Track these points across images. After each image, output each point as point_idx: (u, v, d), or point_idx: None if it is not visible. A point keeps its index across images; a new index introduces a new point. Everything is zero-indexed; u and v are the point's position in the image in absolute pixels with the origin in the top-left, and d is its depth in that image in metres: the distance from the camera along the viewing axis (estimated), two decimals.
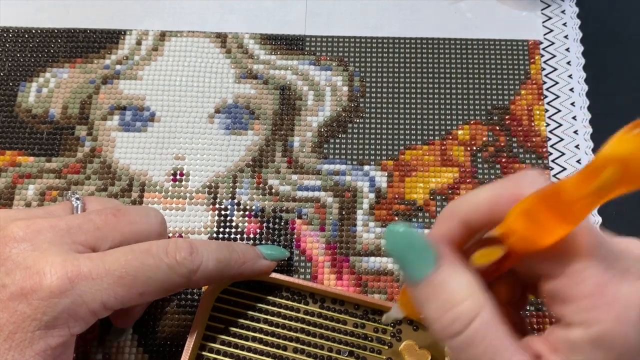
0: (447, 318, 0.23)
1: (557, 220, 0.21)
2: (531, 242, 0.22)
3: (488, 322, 0.22)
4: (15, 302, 0.26)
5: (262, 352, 0.35)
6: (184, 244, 0.30)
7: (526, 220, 0.22)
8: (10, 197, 0.40)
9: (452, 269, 0.23)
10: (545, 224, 0.21)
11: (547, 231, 0.22)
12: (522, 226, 0.22)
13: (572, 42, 0.44)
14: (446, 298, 0.23)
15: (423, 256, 0.23)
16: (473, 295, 0.23)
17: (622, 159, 0.19)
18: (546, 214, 0.21)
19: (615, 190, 0.20)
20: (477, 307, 0.22)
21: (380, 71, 0.44)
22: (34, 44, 0.44)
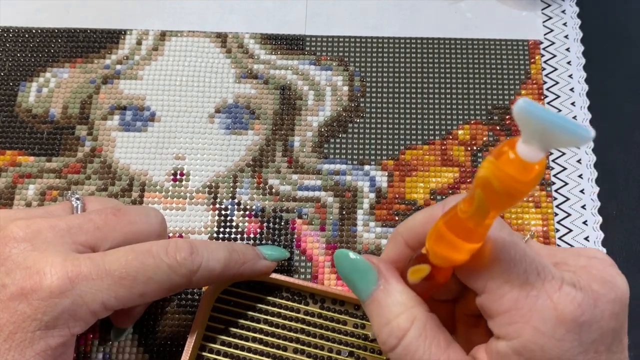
0: (384, 332, 0.25)
1: (462, 239, 0.23)
2: (446, 260, 0.24)
3: (419, 336, 0.24)
4: (15, 302, 0.26)
5: (262, 353, 0.35)
6: (184, 244, 0.30)
7: (437, 240, 0.24)
8: (11, 197, 0.40)
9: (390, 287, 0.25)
10: (452, 243, 0.23)
11: (456, 249, 0.23)
12: (435, 246, 0.24)
13: (573, 41, 0.44)
14: (383, 314, 0.25)
15: (366, 277, 0.26)
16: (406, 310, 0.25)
17: (483, 181, 0.20)
18: (451, 234, 0.23)
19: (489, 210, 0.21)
20: (409, 322, 0.24)
21: (381, 71, 0.44)
22: (34, 43, 0.44)
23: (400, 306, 0.25)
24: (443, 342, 0.24)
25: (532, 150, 0.19)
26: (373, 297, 0.26)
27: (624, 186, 0.40)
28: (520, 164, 0.19)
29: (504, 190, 0.20)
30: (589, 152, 0.41)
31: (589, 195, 0.40)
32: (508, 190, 0.20)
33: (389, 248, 0.28)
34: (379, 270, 0.26)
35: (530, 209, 0.39)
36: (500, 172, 0.20)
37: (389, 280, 0.26)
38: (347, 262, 0.26)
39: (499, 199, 0.20)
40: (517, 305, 0.23)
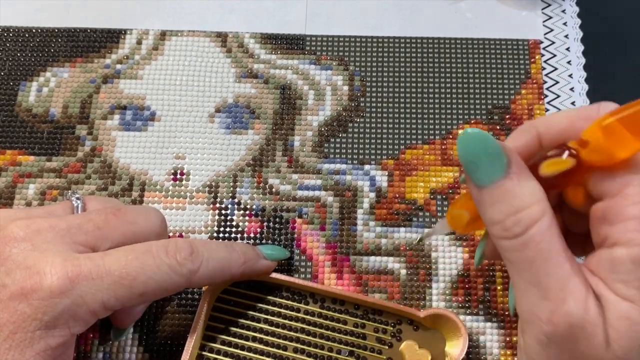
0: (510, 220, 0.24)
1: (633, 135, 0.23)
2: (605, 154, 0.23)
3: (547, 229, 0.23)
4: (15, 301, 0.26)
5: (262, 352, 0.35)
6: (184, 244, 0.30)
7: (604, 132, 0.23)
8: (11, 197, 0.40)
9: (522, 176, 0.24)
10: (621, 137, 0.23)
11: (622, 145, 0.23)
12: (599, 138, 0.23)
13: (573, 41, 0.44)
14: (512, 202, 0.24)
15: (495, 161, 0.24)
16: (538, 202, 0.24)
17: None
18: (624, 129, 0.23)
19: None
20: (540, 213, 0.24)
21: (381, 71, 0.44)
22: (34, 43, 0.44)
23: (532, 196, 0.24)
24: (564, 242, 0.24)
25: None
26: (499, 184, 0.24)
27: None
28: None
29: None
30: None
31: None
32: None
33: (516, 137, 0.27)
34: (511, 157, 0.24)
35: None
36: None
37: (521, 169, 0.24)
38: (478, 143, 0.24)
39: None
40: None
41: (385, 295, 0.37)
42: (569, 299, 0.23)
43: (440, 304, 0.37)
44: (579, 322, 0.23)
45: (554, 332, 0.23)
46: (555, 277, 0.23)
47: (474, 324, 0.37)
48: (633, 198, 0.23)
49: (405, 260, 0.38)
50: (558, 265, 0.23)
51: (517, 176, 0.24)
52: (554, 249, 0.23)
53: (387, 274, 0.38)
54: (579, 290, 0.23)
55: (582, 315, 0.23)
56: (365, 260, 0.38)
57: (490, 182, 0.24)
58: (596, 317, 0.23)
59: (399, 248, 0.38)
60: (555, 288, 0.23)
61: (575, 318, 0.23)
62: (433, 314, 0.34)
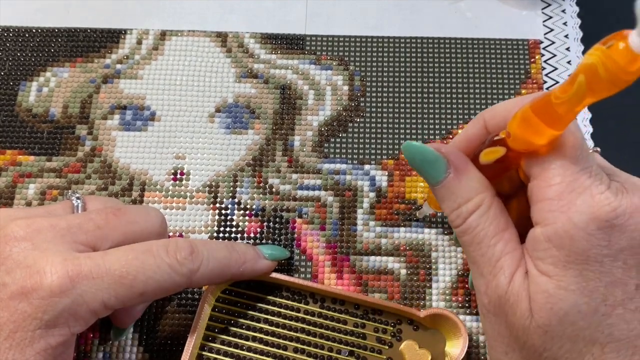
0: (453, 214, 0.28)
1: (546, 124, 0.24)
2: (525, 143, 0.26)
3: (482, 216, 0.27)
4: (15, 301, 0.26)
5: (262, 352, 0.35)
6: (184, 244, 0.30)
7: (522, 123, 0.25)
8: (11, 197, 0.40)
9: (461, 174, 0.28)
10: (536, 127, 0.25)
11: (537, 134, 0.25)
12: (518, 128, 0.26)
13: (573, 41, 0.44)
14: (453, 198, 0.28)
15: (435, 166, 0.28)
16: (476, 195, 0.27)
17: (589, 68, 0.22)
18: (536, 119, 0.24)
19: (586, 97, 0.23)
20: (476, 205, 0.27)
21: (381, 71, 0.44)
22: (34, 43, 0.44)
23: (469, 191, 0.27)
24: (502, 224, 0.27)
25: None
26: (443, 184, 0.28)
27: None
28: (629, 54, 0.21)
29: (609, 78, 0.21)
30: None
31: None
32: (612, 78, 0.21)
33: (469, 127, 0.30)
34: (448, 159, 0.28)
35: None
36: (609, 60, 0.21)
37: (458, 168, 0.28)
38: (417, 154, 0.28)
39: (600, 86, 0.22)
40: (561, 196, 0.25)
41: (385, 295, 0.37)
42: (499, 274, 0.26)
43: (440, 303, 0.37)
44: (504, 294, 0.26)
45: (489, 303, 0.27)
46: (487, 256, 0.27)
47: (474, 324, 0.37)
48: (549, 180, 0.25)
49: (405, 260, 0.38)
50: (491, 246, 0.27)
51: (455, 176, 0.28)
52: (488, 232, 0.27)
53: (387, 273, 0.38)
54: (508, 267, 0.26)
55: (506, 287, 0.26)
56: (365, 260, 0.38)
57: (437, 182, 0.28)
58: (520, 290, 0.26)
59: (399, 248, 0.38)
60: (487, 266, 0.27)
61: (502, 290, 0.26)
62: (433, 313, 0.34)
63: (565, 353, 0.25)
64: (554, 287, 0.25)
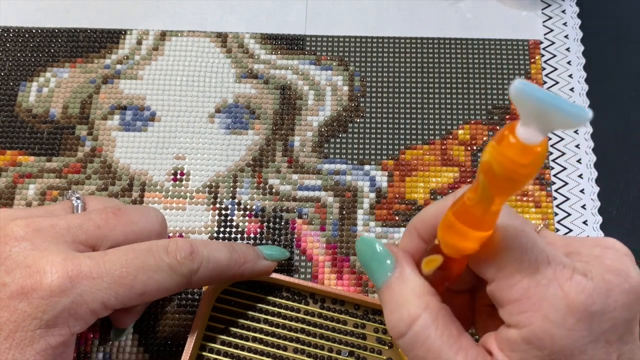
0: (394, 318, 0.25)
1: (471, 227, 0.23)
2: (456, 249, 0.24)
3: (430, 324, 0.24)
4: (15, 300, 0.26)
5: (262, 352, 0.35)
6: (184, 244, 0.30)
7: (447, 230, 0.24)
8: (11, 197, 0.40)
9: (405, 275, 0.25)
10: (462, 232, 0.23)
11: (465, 238, 0.23)
12: (445, 236, 0.24)
13: (573, 41, 0.44)
14: (395, 300, 0.25)
15: (383, 264, 0.26)
16: (419, 298, 0.24)
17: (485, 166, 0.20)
18: (460, 223, 0.23)
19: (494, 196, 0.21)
20: (420, 309, 0.24)
21: (381, 71, 0.44)
22: (34, 43, 0.44)
23: (412, 293, 0.25)
24: (455, 331, 0.24)
25: (532, 133, 0.19)
26: (387, 284, 0.25)
27: (624, 186, 0.41)
28: (520, 147, 0.19)
29: (505, 175, 0.20)
30: (589, 152, 0.41)
31: (589, 195, 0.40)
32: (509, 174, 0.20)
33: (404, 241, 0.28)
34: (396, 258, 0.26)
35: (530, 209, 0.39)
36: (501, 156, 0.19)
37: (404, 268, 0.25)
38: (368, 249, 0.26)
39: (502, 184, 0.20)
40: (528, 294, 0.23)
41: None
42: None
43: None
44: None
45: None
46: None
47: None
48: (508, 280, 0.23)
49: None
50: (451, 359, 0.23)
51: (401, 275, 0.25)
52: (442, 344, 0.23)
53: None
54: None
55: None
56: None
57: (382, 284, 0.25)
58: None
59: None
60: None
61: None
62: None
63: None
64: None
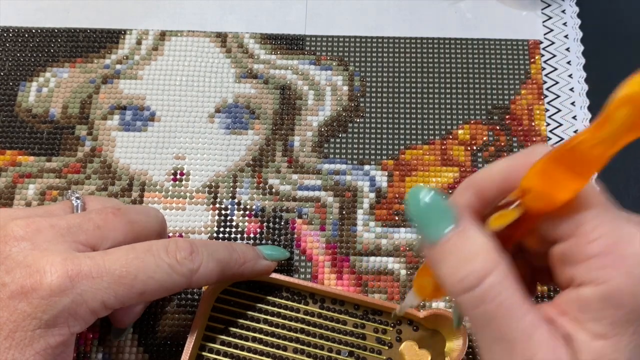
0: (461, 273, 0.23)
1: (571, 175, 0.22)
2: (547, 199, 0.23)
3: (502, 281, 0.22)
4: (15, 300, 0.26)
5: (262, 352, 0.35)
6: (184, 244, 0.30)
7: (541, 178, 0.23)
8: (11, 197, 0.40)
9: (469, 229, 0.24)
10: (559, 180, 0.22)
11: (561, 186, 0.22)
12: (537, 184, 0.23)
13: (573, 41, 0.44)
14: (462, 255, 0.23)
15: (442, 217, 0.24)
16: (489, 253, 0.23)
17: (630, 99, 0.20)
18: (560, 170, 0.22)
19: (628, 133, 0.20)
20: (492, 264, 0.23)
21: (381, 71, 0.44)
22: (34, 43, 0.44)
23: (482, 248, 0.23)
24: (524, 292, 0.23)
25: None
26: (448, 238, 0.23)
27: (624, 186, 0.40)
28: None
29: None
30: None
31: None
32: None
33: (458, 197, 0.26)
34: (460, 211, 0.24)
35: None
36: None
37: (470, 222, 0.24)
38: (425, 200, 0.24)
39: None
40: (609, 250, 0.22)
41: (385, 296, 0.37)
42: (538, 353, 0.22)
43: (440, 304, 0.37)
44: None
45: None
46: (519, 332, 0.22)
47: None
48: (589, 236, 0.23)
49: (405, 260, 0.38)
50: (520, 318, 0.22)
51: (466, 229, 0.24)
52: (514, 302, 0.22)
53: (387, 274, 0.38)
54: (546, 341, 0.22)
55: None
56: (365, 261, 0.38)
57: (440, 238, 0.24)
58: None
59: (399, 248, 0.38)
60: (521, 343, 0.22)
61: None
62: (433, 314, 0.34)
63: None
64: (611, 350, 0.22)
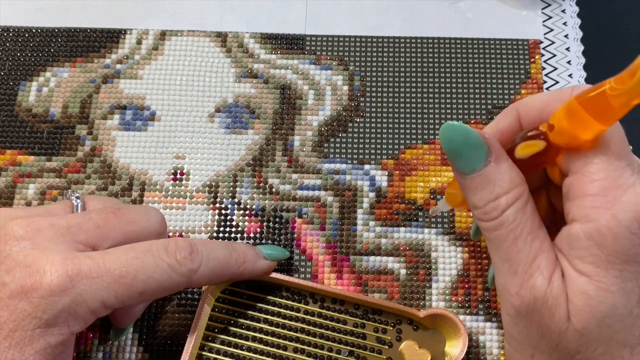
0: (490, 206, 0.26)
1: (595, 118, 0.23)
2: (569, 137, 0.25)
3: (520, 210, 0.25)
4: (15, 300, 0.26)
5: (262, 352, 0.35)
6: (184, 244, 0.30)
7: (568, 116, 0.24)
8: (11, 197, 0.40)
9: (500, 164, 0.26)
10: (583, 121, 0.24)
11: (584, 127, 0.24)
12: (563, 122, 0.25)
13: (573, 41, 0.44)
14: (492, 189, 0.26)
15: (476, 151, 0.26)
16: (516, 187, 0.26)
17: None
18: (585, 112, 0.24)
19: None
20: (515, 198, 0.26)
21: (381, 71, 0.44)
22: (34, 43, 0.44)
23: (510, 183, 0.26)
24: (537, 221, 0.26)
25: None
26: (481, 172, 0.26)
27: None
28: None
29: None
30: None
31: None
32: None
33: (500, 119, 0.29)
34: (491, 146, 0.26)
35: None
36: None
37: (500, 157, 0.26)
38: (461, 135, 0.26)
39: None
40: (605, 192, 0.24)
41: (385, 295, 0.37)
42: (536, 274, 0.25)
43: (440, 304, 0.37)
44: (542, 296, 0.25)
45: (521, 305, 0.25)
46: (524, 253, 0.25)
47: (474, 324, 0.37)
48: (591, 175, 0.24)
49: (405, 260, 0.38)
50: (528, 242, 0.25)
51: (496, 164, 0.26)
52: (525, 228, 0.25)
53: (387, 274, 0.38)
54: (546, 266, 0.25)
55: (545, 289, 0.25)
56: (365, 260, 0.38)
57: (472, 171, 0.26)
58: (559, 292, 0.24)
59: (399, 248, 0.38)
60: (523, 264, 0.25)
61: (539, 292, 0.25)
62: (433, 314, 0.34)
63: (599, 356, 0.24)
64: (594, 289, 0.24)
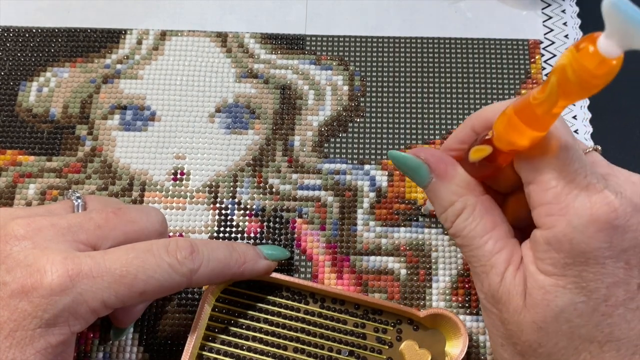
0: (442, 217, 0.30)
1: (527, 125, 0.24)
2: (509, 143, 0.26)
3: (468, 218, 0.28)
4: (16, 299, 0.26)
5: (262, 352, 0.35)
6: (185, 243, 0.30)
7: (505, 124, 0.26)
8: (11, 197, 0.40)
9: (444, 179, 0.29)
10: (518, 128, 0.25)
11: (519, 134, 0.25)
12: (500, 127, 0.26)
13: (573, 41, 0.44)
14: (439, 202, 0.29)
15: (417, 171, 0.29)
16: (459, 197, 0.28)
17: (560, 70, 0.22)
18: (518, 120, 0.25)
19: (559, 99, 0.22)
20: (460, 208, 0.28)
21: (381, 71, 0.44)
22: (34, 43, 0.44)
23: (453, 195, 0.29)
24: (490, 223, 0.28)
25: (612, 46, 0.20)
26: (429, 189, 0.30)
27: None
28: (597, 58, 0.20)
29: (577, 81, 0.21)
30: None
31: None
32: (580, 82, 0.21)
33: (458, 130, 0.31)
34: (428, 165, 0.29)
35: None
36: (577, 63, 0.21)
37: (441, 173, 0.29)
38: (400, 163, 0.30)
39: (571, 89, 0.22)
40: (558, 200, 0.25)
41: (385, 295, 0.37)
42: (491, 273, 0.27)
43: (440, 303, 0.37)
44: (497, 291, 0.27)
45: (485, 299, 0.28)
46: (478, 256, 0.28)
47: (474, 324, 0.37)
48: (544, 184, 0.25)
49: (405, 260, 0.38)
50: (480, 246, 0.28)
51: (439, 180, 0.29)
52: (477, 233, 0.28)
53: (387, 273, 0.38)
54: (499, 265, 0.27)
55: (498, 286, 0.27)
56: (365, 260, 0.38)
57: (424, 186, 0.30)
58: (511, 288, 0.27)
59: (399, 248, 0.38)
60: (479, 265, 0.28)
61: (494, 288, 0.27)
62: (433, 313, 0.34)
63: (561, 349, 0.25)
64: (551, 285, 0.25)
